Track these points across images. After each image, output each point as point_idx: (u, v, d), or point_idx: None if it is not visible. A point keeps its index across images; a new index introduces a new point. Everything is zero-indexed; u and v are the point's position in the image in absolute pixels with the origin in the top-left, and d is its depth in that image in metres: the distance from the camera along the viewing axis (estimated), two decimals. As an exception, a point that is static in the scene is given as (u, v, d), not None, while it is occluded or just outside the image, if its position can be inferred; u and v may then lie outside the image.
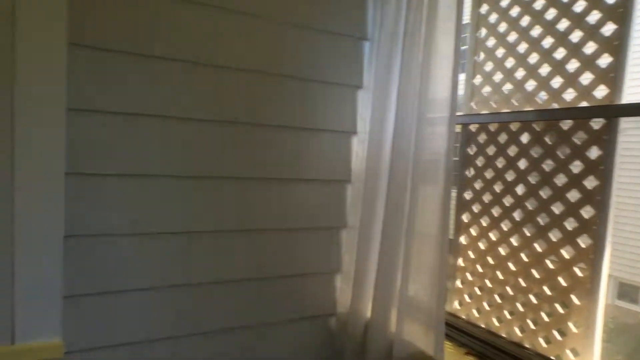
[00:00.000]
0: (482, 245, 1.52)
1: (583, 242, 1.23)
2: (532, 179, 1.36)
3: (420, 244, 1.38)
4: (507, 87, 1.45)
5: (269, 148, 1.49)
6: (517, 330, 1.39)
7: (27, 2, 1.13)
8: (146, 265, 1.34)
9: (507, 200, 1.44)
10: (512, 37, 1.43)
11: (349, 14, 1.58)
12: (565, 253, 1.27)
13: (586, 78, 1.23)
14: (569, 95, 1.27)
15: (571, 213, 1.26)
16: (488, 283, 1.49)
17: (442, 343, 1.32)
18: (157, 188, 1.34)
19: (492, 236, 1.48)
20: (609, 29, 1.18)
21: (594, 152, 1.21)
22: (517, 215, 1.41)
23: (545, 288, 1.32)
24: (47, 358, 1.23)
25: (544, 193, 1.32)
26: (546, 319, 1.31)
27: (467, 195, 1.58)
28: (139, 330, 1.36)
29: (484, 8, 1.54)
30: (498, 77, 1.48)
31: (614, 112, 1.17)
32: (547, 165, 1.32)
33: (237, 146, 1.44)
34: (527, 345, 1.36)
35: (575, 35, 1.26)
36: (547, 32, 1.33)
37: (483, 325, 1.49)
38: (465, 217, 1.58)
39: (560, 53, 1.29)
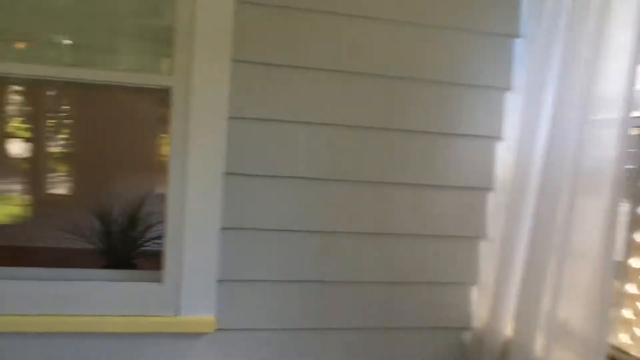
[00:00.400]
0: (661, 272, 1.26)
1: None
2: None
3: (576, 263, 1.21)
4: None
5: (406, 153, 1.47)
6: None
7: (202, 27, 1.30)
8: (286, 260, 1.44)
9: (702, 220, 1.17)
10: None
11: (499, 11, 1.47)
12: None
13: None
14: None
15: None
16: (670, 318, 1.23)
17: (603, 380, 1.14)
18: (301, 189, 1.43)
19: (678, 262, 1.22)
20: None
21: None
22: None
23: None
24: (202, 331, 1.41)
25: None
26: None
27: (643, 210, 1.33)
28: (277, 318, 1.46)
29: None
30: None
31: None
32: None
33: (375, 151, 1.45)
34: None
35: None
36: None
37: (661, 369, 1.24)
38: (639, 237, 1.33)
39: None
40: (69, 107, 5.23)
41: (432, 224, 1.51)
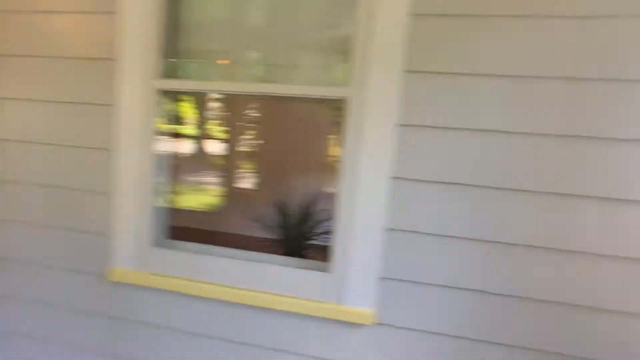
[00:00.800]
0: None
1: None
2: None
3: None
4: None
5: (594, 163, 1.31)
6: None
7: (377, 40, 1.39)
8: (448, 265, 1.44)
9: None
10: None
11: None
12: None
13: None
14: None
15: None
16: None
17: None
18: (467, 196, 1.41)
19: None
20: None
21: None
22: None
23: None
24: (361, 322, 1.50)
25: None
26: None
27: None
28: (435, 321, 1.47)
29: None
30: None
31: None
32: None
33: (555, 160, 1.33)
34: None
35: None
36: None
37: None
38: None
39: None
40: (256, 113, 6.04)
41: (627, 244, 1.31)
